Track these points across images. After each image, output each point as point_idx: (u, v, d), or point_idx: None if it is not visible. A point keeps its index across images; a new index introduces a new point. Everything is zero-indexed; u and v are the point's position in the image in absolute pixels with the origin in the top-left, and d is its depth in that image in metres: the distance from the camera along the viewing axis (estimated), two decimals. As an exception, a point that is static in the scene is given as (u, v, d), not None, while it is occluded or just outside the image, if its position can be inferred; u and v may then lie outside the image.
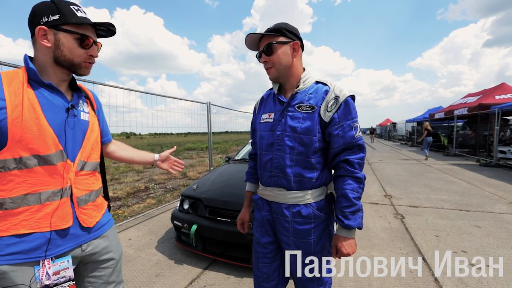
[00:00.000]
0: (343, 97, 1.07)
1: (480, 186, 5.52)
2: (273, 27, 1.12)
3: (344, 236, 1.06)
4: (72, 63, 0.93)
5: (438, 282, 2.12)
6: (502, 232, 3.09)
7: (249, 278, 2.22)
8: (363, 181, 1.08)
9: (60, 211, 0.91)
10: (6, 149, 0.83)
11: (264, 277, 1.23)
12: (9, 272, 0.84)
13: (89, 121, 1.04)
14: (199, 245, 2.46)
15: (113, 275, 1.12)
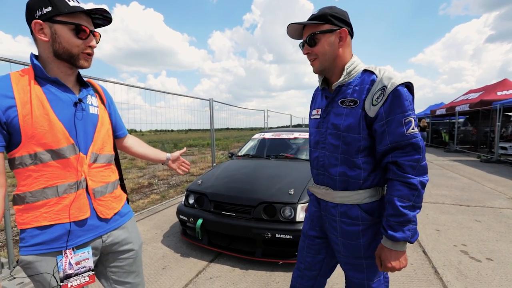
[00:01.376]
0: (391, 86, 0.91)
1: (480, 182, 5.56)
2: (317, 13, 1.00)
3: (388, 248, 0.94)
4: (70, 55, 0.91)
5: (438, 274, 2.18)
6: (501, 226, 3.14)
7: (254, 271, 2.28)
8: (418, 187, 0.89)
9: (77, 203, 0.95)
10: (21, 146, 0.87)
11: (306, 265, 1.24)
12: (34, 262, 0.89)
13: (98, 114, 1.06)
14: (204, 238, 2.52)
15: (134, 265, 1.16)
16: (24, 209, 0.90)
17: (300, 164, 3.07)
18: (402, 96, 0.91)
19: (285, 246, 2.24)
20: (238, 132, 26.53)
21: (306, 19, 1.06)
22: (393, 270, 0.95)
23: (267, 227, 2.20)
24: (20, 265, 0.90)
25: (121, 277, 1.14)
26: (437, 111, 14.50)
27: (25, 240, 0.90)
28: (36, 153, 0.88)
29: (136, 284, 1.19)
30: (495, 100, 9.17)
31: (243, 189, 2.53)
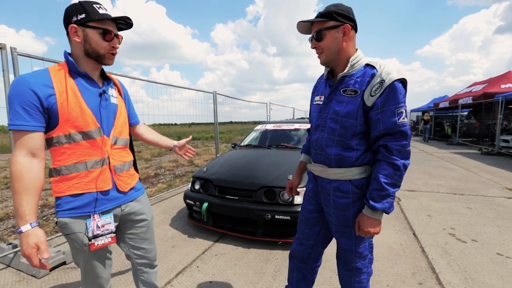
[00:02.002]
0: (389, 81, 1.04)
1: (478, 173, 5.69)
2: (323, 11, 1.13)
3: (368, 216, 1.11)
4: (98, 54, 1.09)
5: (424, 252, 2.36)
6: (491, 213, 3.30)
7: (255, 249, 2.49)
8: (400, 168, 1.06)
9: (102, 176, 1.15)
10: (58, 128, 1.05)
11: (305, 236, 1.43)
12: (69, 223, 1.09)
13: (117, 104, 1.24)
14: (209, 220, 2.73)
15: (147, 233, 1.38)
16: (59, 180, 1.09)
17: (299, 153, 3.24)
18: (397, 90, 1.05)
19: (284, 227, 2.44)
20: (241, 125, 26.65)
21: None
22: (368, 234, 1.13)
23: (267, 209, 2.40)
24: (58, 226, 1.11)
25: (137, 242, 1.35)
26: (441, 104, 14.46)
27: (61, 206, 1.09)
28: (70, 134, 1.06)
29: (149, 250, 1.40)
30: (498, 92, 9.17)
31: (245, 175, 2.72)
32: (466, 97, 11.25)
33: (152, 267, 1.46)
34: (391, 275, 2.03)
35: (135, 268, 1.42)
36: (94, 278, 1.22)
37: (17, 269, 2.23)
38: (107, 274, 1.27)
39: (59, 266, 2.26)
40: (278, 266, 2.20)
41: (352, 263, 1.28)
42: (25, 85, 0.98)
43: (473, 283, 1.91)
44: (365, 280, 1.32)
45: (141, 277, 1.44)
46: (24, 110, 0.97)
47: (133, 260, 1.39)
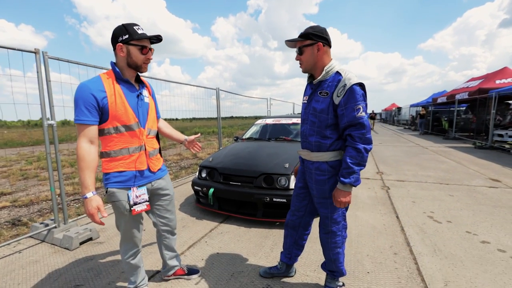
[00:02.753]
0: (349, 85, 1.36)
1: (467, 165, 6.00)
2: (303, 32, 1.47)
3: (340, 189, 1.44)
4: (136, 65, 1.43)
5: (403, 231, 2.71)
6: (470, 199, 3.63)
7: (256, 228, 2.84)
8: (361, 151, 1.37)
9: (140, 159, 1.50)
10: (108, 122, 1.39)
11: (296, 208, 1.78)
12: (115, 192, 1.45)
13: (149, 103, 1.58)
14: (215, 204, 3.08)
15: (170, 205, 1.75)
16: (109, 161, 1.44)
17: (296, 145, 3.58)
18: (355, 91, 1.37)
19: (280, 209, 2.79)
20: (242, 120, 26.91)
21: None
22: (342, 203, 1.46)
23: (266, 193, 2.74)
24: (107, 194, 1.47)
25: (162, 212, 1.72)
26: (439, 99, 14.69)
27: (109, 179, 1.46)
28: (117, 126, 1.41)
29: (171, 219, 1.78)
30: (493, 88, 9.42)
31: (247, 163, 3.06)
32: (463, 93, 11.49)
33: (173, 234, 1.84)
34: (372, 247, 2.38)
35: (159, 234, 1.80)
36: (131, 238, 1.58)
37: (51, 243, 2.59)
38: (140, 235, 1.63)
39: (87, 241, 2.62)
40: (275, 241, 2.56)
41: (328, 227, 1.63)
42: (87, 90, 1.32)
43: (439, 253, 2.26)
44: (339, 242, 1.66)
45: (164, 242, 1.81)
46: (86, 109, 1.31)
47: (158, 227, 1.75)
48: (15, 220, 3.28)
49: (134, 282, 1.68)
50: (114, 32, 1.39)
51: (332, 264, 1.70)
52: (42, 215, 3.46)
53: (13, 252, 2.45)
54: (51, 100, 2.57)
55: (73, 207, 3.74)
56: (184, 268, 1.94)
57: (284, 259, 1.91)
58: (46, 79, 2.52)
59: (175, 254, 1.90)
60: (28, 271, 2.13)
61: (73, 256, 2.35)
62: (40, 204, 3.94)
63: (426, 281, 1.89)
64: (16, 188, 4.95)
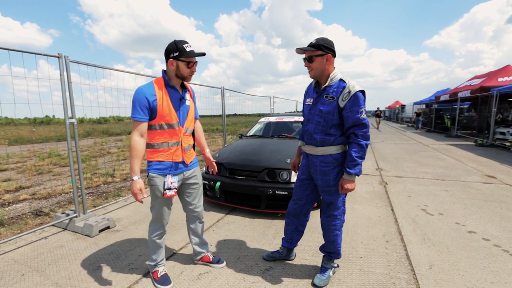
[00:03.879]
0: (353, 91, 1.61)
1: (465, 162, 6.15)
2: (314, 43, 1.66)
3: (346, 179, 1.68)
4: (183, 77, 1.73)
5: (397, 222, 2.91)
6: (463, 194, 3.81)
7: (259, 219, 3.07)
8: (364, 146, 1.64)
9: (176, 152, 1.79)
10: (156, 120, 1.68)
11: (298, 197, 2.01)
12: (154, 177, 1.76)
13: (189, 105, 1.85)
14: (221, 197, 3.31)
15: (198, 193, 2.02)
16: (152, 151, 1.76)
17: (297, 142, 3.78)
18: (358, 97, 1.63)
19: (282, 201, 3.01)
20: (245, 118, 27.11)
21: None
22: (347, 190, 1.70)
23: (269, 186, 2.96)
24: (149, 178, 1.76)
25: (189, 199, 1.99)
26: (441, 97, 14.73)
27: (151, 166, 1.76)
28: (161, 124, 1.70)
29: (198, 206, 2.04)
30: (495, 86, 9.49)
31: (251, 159, 3.28)
32: (465, 91, 11.55)
33: (200, 221, 2.11)
34: (366, 236, 2.59)
35: (188, 219, 2.09)
36: (160, 219, 1.87)
37: (73, 231, 2.84)
38: (167, 219, 1.92)
39: (105, 229, 2.87)
40: (277, 230, 2.78)
41: (330, 211, 1.87)
42: (142, 93, 1.63)
43: (428, 241, 2.46)
44: (338, 225, 1.89)
45: (191, 226, 2.09)
46: (140, 109, 1.63)
47: (187, 212, 2.04)
48: (37, 211, 3.55)
49: (155, 260, 1.93)
50: (167, 48, 1.68)
51: (331, 245, 1.93)
52: (61, 207, 3.73)
53: (39, 238, 2.71)
54: (72, 100, 2.80)
55: (88, 199, 4.00)
56: (210, 256, 2.16)
57: (286, 244, 2.14)
58: (67, 81, 2.75)
59: (200, 241, 2.14)
60: (56, 254, 2.39)
61: (94, 242, 2.60)
62: (58, 197, 4.21)
63: (413, 264, 2.09)
64: (33, 183, 5.24)
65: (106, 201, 3.85)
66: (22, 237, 2.68)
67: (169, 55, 1.67)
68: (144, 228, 2.91)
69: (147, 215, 3.28)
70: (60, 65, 2.66)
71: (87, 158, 7.91)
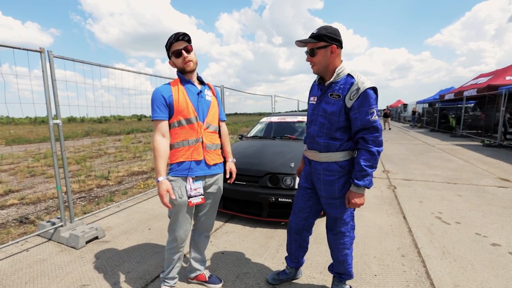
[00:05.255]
0: (363, 89, 1.34)
1: (475, 164, 5.90)
2: (315, 33, 1.41)
3: (354, 191, 1.42)
4: (182, 69, 1.61)
5: (411, 232, 2.67)
6: (479, 200, 3.56)
7: (261, 228, 2.83)
8: (375, 153, 1.37)
9: (197, 150, 1.61)
10: (174, 117, 1.57)
11: (300, 209, 1.75)
12: (172, 181, 1.58)
13: (211, 100, 1.70)
14: (220, 203, 3.06)
15: (214, 204, 1.81)
16: (173, 152, 1.60)
17: (301, 144, 3.54)
18: (369, 95, 1.35)
19: (286, 208, 2.76)
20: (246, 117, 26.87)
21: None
22: (355, 205, 1.45)
23: (272, 193, 2.72)
24: (169, 180, 1.56)
25: (205, 208, 1.78)
26: (446, 95, 14.44)
27: (171, 170, 1.62)
28: (180, 120, 1.57)
29: (211, 217, 1.86)
30: (503, 85, 9.21)
31: (252, 163, 3.04)
32: (471, 89, 11.26)
33: (207, 236, 1.89)
34: (379, 249, 2.34)
35: (194, 230, 1.88)
36: (173, 231, 1.66)
37: (58, 242, 2.61)
38: (184, 234, 1.69)
39: (93, 240, 2.63)
40: (281, 242, 2.54)
41: (337, 228, 1.61)
42: (158, 92, 1.56)
43: (448, 255, 2.21)
44: (348, 243, 1.63)
45: (195, 238, 1.87)
46: (158, 108, 1.54)
47: (196, 221, 1.83)
48: (22, 218, 3.32)
49: (165, 274, 1.76)
50: (166, 46, 1.62)
51: (340, 266, 1.68)
52: (49, 213, 3.50)
53: (20, 250, 2.48)
54: (57, 99, 2.56)
55: (79, 205, 3.77)
56: (206, 275, 1.93)
57: (292, 264, 1.89)
58: (51, 78, 2.52)
59: (200, 257, 1.91)
60: (35, 269, 2.15)
61: (79, 255, 2.36)
62: (47, 202, 3.98)
63: (435, 284, 1.85)
64: (24, 186, 5.02)
65: (97, 207, 3.62)
66: (2, 249, 2.45)
67: (169, 55, 1.64)
68: (135, 238, 2.68)
69: (140, 223, 3.06)
70: (42, 60, 2.42)
71: (83, 159, 7.68)
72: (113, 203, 3.75)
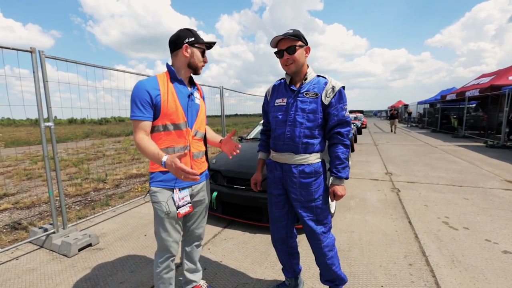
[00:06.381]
0: (337, 87, 1.47)
1: (479, 165, 5.78)
2: (293, 33, 1.45)
3: (337, 184, 1.50)
4: (196, 67, 1.46)
5: (417, 238, 2.56)
6: (486, 203, 3.45)
7: (261, 234, 2.72)
8: (349, 146, 1.53)
9: (184, 159, 1.43)
10: (159, 119, 1.37)
11: (277, 218, 1.67)
12: (157, 192, 1.41)
13: (199, 104, 1.55)
14: (219, 208, 2.96)
15: (203, 212, 1.68)
16: None
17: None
18: (343, 93, 1.50)
19: (287, 214, 2.65)
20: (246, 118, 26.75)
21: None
22: (341, 197, 1.50)
23: (272, 197, 2.61)
24: (150, 193, 1.43)
25: (193, 218, 1.65)
26: (448, 96, 14.33)
27: (153, 179, 1.43)
28: (166, 124, 1.38)
29: (201, 226, 1.72)
30: (506, 85, 9.11)
31: (251, 166, 2.93)
32: (473, 90, 11.15)
33: (199, 245, 1.75)
34: (385, 257, 2.23)
35: (184, 241, 1.73)
36: (167, 247, 1.50)
37: (49, 249, 2.51)
38: (177, 245, 1.53)
39: (86, 247, 2.53)
40: (282, 249, 2.43)
41: (317, 231, 1.54)
42: (143, 87, 1.33)
43: (458, 264, 2.10)
44: (331, 244, 1.58)
45: (187, 249, 1.73)
46: (141, 105, 1.32)
47: (185, 231, 1.68)
48: (15, 224, 3.21)
49: None
50: (180, 34, 1.41)
51: (329, 271, 1.60)
52: (43, 218, 3.39)
53: (10, 258, 2.38)
54: (49, 101, 2.47)
55: (74, 209, 3.67)
56: (203, 286, 1.82)
57: (289, 275, 1.80)
58: (43, 79, 2.42)
59: (194, 267, 1.78)
60: (24, 280, 2.05)
61: (71, 264, 2.26)
62: (42, 206, 3.88)
63: (446, 297, 1.74)
64: (19, 189, 4.92)
65: (92, 212, 3.51)
66: (-9, 258, 2.35)
67: (182, 41, 1.40)
68: (130, 246, 2.57)
69: (136, 229, 2.95)
70: (33, 61, 2.32)
71: (81, 161, 7.59)
72: (109, 207, 3.65)
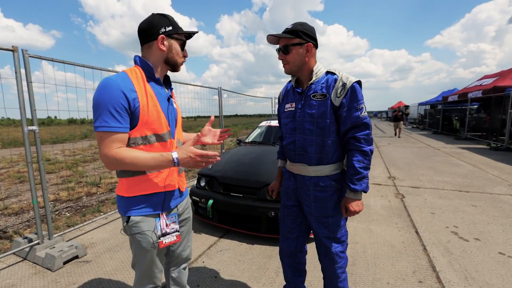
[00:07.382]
0: (349, 83, 1.24)
1: (485, 169, 5.62)
2: (290, 28, 1.27)
3: (351, 198, 1.28)
4: (175, 63, 1.18)
5: (426, 251, 2.39)
6: (496, 211, 3.29)
7: (259, 245, 2.56)
8: (368, 153, 1.26)
9: (170, 177, 1.18)
10: (136, 129, 1.05)
11: (289, 230, 1.53)
12: (140, 222, 1.11)
13: (176, 109, 1.28)
14: (215, 217, 2.80)
15: (189, 230, 1.43)
16: (132, 181, 1.10)
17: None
18: (356, 90, 1.25)
19: (287, 224, 2.49)
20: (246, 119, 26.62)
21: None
22: (355, 213, 1.29)
23: (271, 206, 2.45)
24: (129, 225, 1.11)
25: (182, 237, 1.37)
26: (450, 97, 14.18)
27: (132, 206, 1.11)
28: (146, 135, 1.08)
29: (187, 246, 1.43)
30: (509, 86, 8.96)
31: (250, 172, 2.77)
32: (476, 91, 11.00)
33: (186, 267, 1.47)
34: (392, 273, 2.07)
35: (169, 264, 1.43)
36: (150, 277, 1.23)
37: (33, 262, 2.34)
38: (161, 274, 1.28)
39: (72, 259, 2.37)
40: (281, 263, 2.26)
41: (331, 249, 1.38)
42: (116, 87, 0.99)
43: (473, 282, 1.94)
44: (344, 265, 1.43)
45: (172, 275, 1.44)
46: (116, 112, 0.98)
47: (169, 255, 1.40)
48: (0, 232, 3.05)
49: None
50: (154, 22, 1.10)
51: None
52: (31, 226, 3.23)
53: (-10, 272, 2.21)
54: (33, 103, 2.32)
55: (64, 216, 3.50)
56: None
57: None
58: (26, 80, 2.27)
59: None
60: (2, 298, 1.89)
61: (54, 279, 2.09)
62: (30, 213, 3.71)
63: (462, 321, 1.58)
64: (10, 193, 4.75)
65: (83, 219, 3.35)
66: (-31, 272, 2.19)
67: (156, 31, 1.09)
68: (119, 258, 2.41)
69: (126, 238, 2.78)
70: (15, 60, 2.17)
71: (77, 163, 7.42)
72: (100, 214, 3.48)
